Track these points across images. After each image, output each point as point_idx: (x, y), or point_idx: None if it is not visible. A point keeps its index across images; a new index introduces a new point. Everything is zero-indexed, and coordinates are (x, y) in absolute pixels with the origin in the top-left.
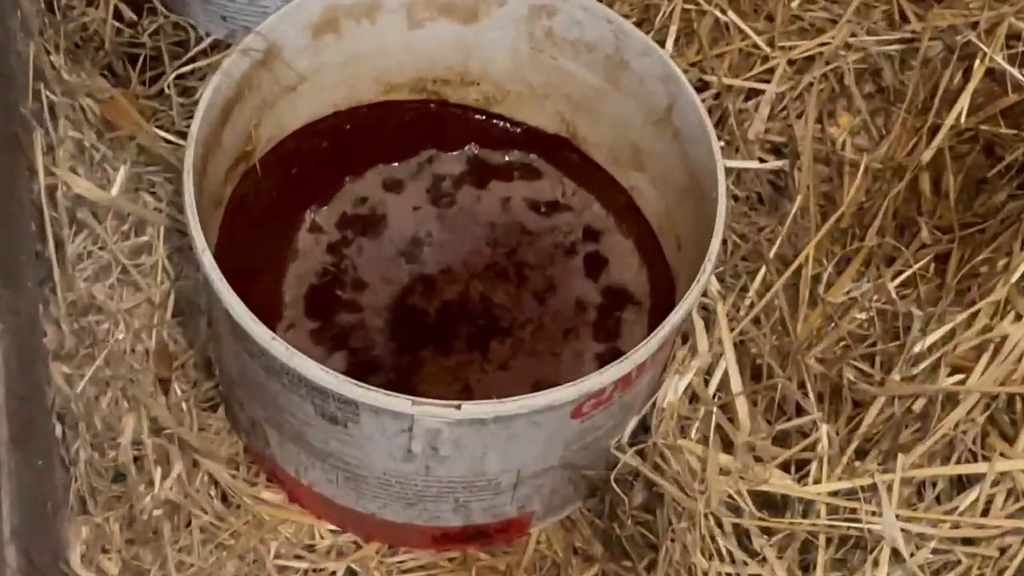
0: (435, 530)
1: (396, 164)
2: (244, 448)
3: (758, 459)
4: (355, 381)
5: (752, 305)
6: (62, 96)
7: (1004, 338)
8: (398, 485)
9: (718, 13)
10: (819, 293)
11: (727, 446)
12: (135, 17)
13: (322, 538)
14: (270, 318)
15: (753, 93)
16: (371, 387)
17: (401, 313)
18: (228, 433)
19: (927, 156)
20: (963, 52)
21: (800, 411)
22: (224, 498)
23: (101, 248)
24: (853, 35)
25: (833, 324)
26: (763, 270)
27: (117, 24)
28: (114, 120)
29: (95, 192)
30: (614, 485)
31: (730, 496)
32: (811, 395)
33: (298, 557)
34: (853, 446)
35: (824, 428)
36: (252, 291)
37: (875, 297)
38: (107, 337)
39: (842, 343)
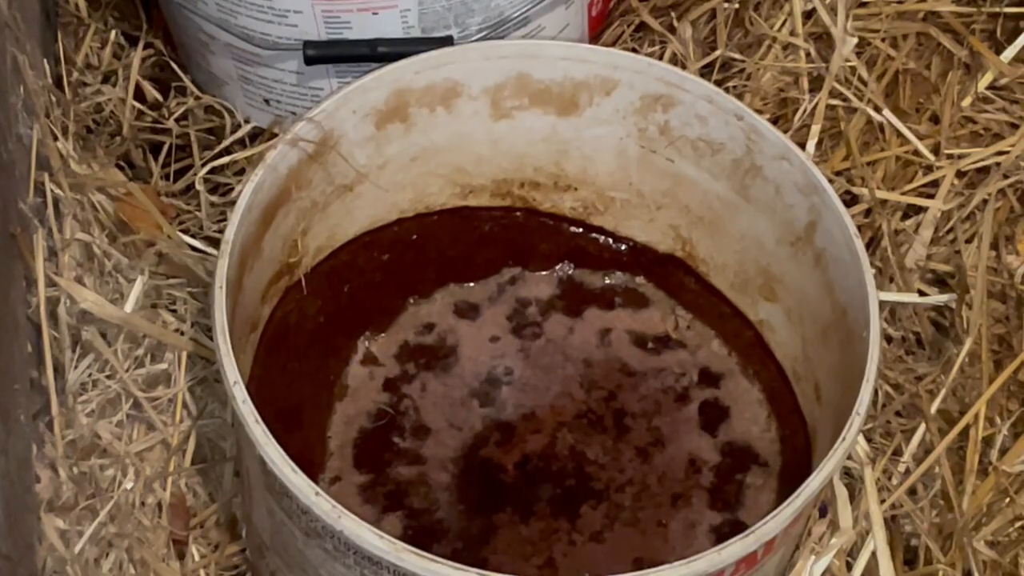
0: None
1: (471, 284)
2: None
3: None
4: (416, 550)
5: (907, 472)
6: (69, 190)
7: None
8: None
9: (871, 111)
10: (991, 460)
11: None
12: (160, 97)
13: None
14: (311, 468)
15: (913, 210)
16: (435, 558)
17: (472, 467)
18: None
19: None
20: None
21: None
22: None
23: (109, 377)
24: None
25: (1008, 499)
26: (922, 429)
27: (138, 105)
28: (130, 221)
29: (104, 308)
30: None
31: None
32: None
33: None
34: None
35: None
36: (291, 435)
37: None
38: (112, 486)
39: (1019, 523)
